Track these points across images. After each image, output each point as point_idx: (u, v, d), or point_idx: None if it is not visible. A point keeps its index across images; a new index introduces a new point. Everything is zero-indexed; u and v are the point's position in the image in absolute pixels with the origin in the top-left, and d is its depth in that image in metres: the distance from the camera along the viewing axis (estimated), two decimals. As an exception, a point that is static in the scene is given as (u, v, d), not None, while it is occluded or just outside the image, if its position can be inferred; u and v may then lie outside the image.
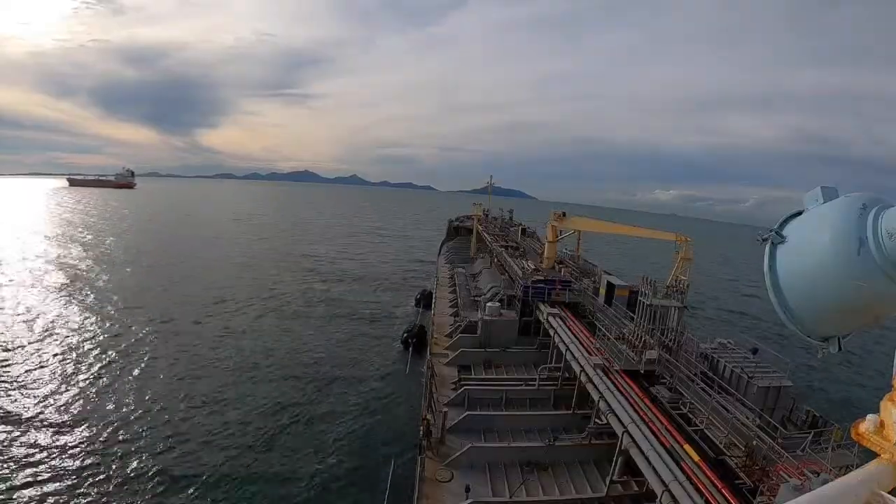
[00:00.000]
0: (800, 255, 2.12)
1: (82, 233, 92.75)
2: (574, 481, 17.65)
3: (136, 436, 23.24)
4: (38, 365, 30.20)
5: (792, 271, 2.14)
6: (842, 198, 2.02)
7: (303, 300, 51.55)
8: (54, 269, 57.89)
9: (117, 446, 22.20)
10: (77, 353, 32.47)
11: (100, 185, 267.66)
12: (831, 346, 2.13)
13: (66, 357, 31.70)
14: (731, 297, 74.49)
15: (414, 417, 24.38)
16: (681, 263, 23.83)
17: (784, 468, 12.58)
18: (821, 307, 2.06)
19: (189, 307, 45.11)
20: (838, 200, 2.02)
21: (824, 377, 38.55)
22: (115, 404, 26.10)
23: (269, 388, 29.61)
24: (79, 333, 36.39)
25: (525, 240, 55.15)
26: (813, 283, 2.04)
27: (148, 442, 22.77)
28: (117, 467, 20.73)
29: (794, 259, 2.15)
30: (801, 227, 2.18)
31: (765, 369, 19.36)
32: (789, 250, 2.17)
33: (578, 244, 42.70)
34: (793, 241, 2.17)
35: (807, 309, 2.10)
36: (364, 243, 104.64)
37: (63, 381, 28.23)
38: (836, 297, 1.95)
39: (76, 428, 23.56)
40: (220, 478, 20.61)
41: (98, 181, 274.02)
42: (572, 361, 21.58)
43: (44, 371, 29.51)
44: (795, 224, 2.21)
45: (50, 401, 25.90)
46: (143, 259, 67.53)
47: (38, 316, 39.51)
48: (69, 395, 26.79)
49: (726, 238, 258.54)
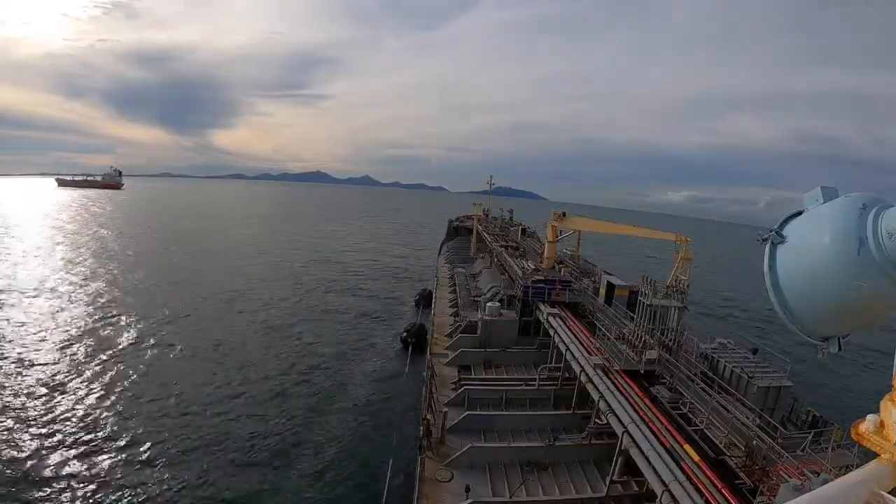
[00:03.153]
0: (800, 254, 2.12)
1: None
2: (574, 481, 17.63)
3: (138, 429, 23.30)
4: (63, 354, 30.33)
5: (792, 271, 2.14)
6: (842, 198, 2.03)
7: (308, 298, 52.01)
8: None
9: (117, 440, 22.30)
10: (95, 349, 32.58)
11: (87, 185, 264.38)
12: (831, 345, 2.12)
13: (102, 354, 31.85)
14: (746, 296, 73.49)
15: (414, 417, 24.40)
16: (681, 263, 23.84)
17: (784, 468, 12.57)
18: (821, 307, 2.06)
19: (184, 314, 44.16)
20: (838, 200, 2.02)
21: (824, 377, 38.50)
22: (109, 397, 26.31)
23: (267, 386, 29.70)
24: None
25: (525, 240, 55.17)
26: (813, 283, 2.04)
27: (149, 440, 22.77)
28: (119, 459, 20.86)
29: (794, 259, 2.15)
30: (801, 227, 2.18)
31: (765, 369, 19.35)
32: (789, 250, 2.17)
33: (579, 244, 42.72)
34: (793, 240, 2.17)
35: (807, 309, 2.10)
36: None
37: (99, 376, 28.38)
38: (835, 297, 1.96)
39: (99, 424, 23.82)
40: (219, 475, 20.65)
41: (85, 181, 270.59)
42: (572, 361, 21.57)
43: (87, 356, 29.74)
44: (795, 224, 2.21)
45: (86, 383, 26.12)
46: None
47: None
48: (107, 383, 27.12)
49: (739, 239, 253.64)
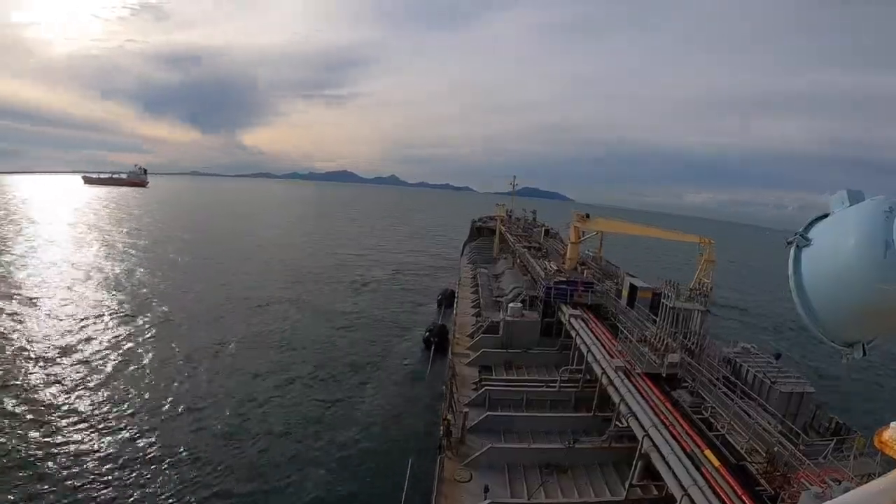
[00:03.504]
0: (825, 258, 2.11)
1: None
2: (593, 484, 17.63)
3: (166, 420, 24.54)
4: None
5: (817, 274, 2.12)
6: (867, 201, 2.01)
7: (330, 296, 53.42)
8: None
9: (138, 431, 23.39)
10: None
11: (113, 183, 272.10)
12: (855, 351, 2.10)
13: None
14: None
15: (434, 417, 24.72)
16: (704, 266, 23.40)
17: (805, 475, 12.38)
18: (845, 311, 2.04)
19: (210, 311, 45.73)
20: (864, 203, 2.01)
21: (848, 383, 37.25)
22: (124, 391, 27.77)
23: (290, 386, 30.55)
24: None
25: (548, 240, 54.94)
26: (838, 287, 2.02)
27: (177, 433, 23.91)
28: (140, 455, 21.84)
29: (818, 262, 2.13)
30: (826, 230, 2.17)
31: (787, 375, 18.94)
32: (814, 253, 2.16)
33: (600, 245, 42.40)
34: (818, 244, 2.16)
35: (831, 313, 2.08)
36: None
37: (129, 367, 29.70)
38: (860, 301, 1.93)
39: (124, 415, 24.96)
40: (241, 470, 21.48)
41: (111, 179, 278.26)
42: (594, 363, 21.51)
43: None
44: (821, 227, 2.21)
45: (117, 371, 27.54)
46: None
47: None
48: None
49: (775, 245, 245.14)
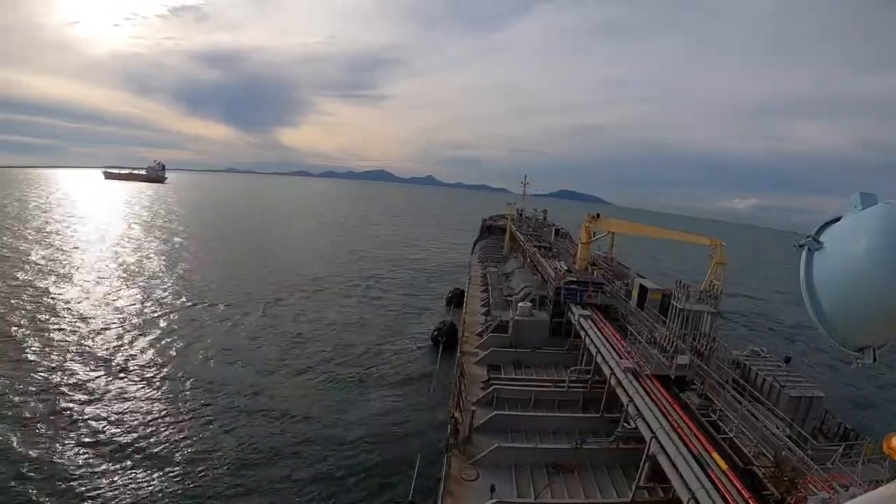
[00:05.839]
0: (837, 261, 2.10)
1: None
2: (600, 485, 17.67)
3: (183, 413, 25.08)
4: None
5: (828, 278, 2.12)
6: (880, 204, 2.00)
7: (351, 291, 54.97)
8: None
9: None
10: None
11: (132, 178, 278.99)
12: (866, 356, 2.09)
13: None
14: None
15: (442, 415, 24.86)
16: (715, 268, 23.22)
17: (813, 480, 12.31)
18: (856, 315, 2.03)
19: (230, 307, 46.88)
20: (877, 207, 1.99)
21: (858, 388, 36.74)
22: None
23: (299, 380, 31.09)
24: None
25: (558, 240, 54.82)
26: (849, 291, 2.01)
27: (186, 426, 24.46)
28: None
29: (830, 265, 2.12)
30: (838, 233, 2.16)
31: (797, 379, 18.78)
32: (826, 257, 2.15)
33: (612, 246, 42.23)
34: (830, 247, 2.15)
35: (842, 317, 2.07)
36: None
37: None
38: (872, 305, 1.92)
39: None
40: (247, 464, 21.86)
41: (130, 175, 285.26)
42: (602, 364, 21.48)
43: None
44: (833, 230, 2.20)
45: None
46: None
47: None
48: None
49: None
